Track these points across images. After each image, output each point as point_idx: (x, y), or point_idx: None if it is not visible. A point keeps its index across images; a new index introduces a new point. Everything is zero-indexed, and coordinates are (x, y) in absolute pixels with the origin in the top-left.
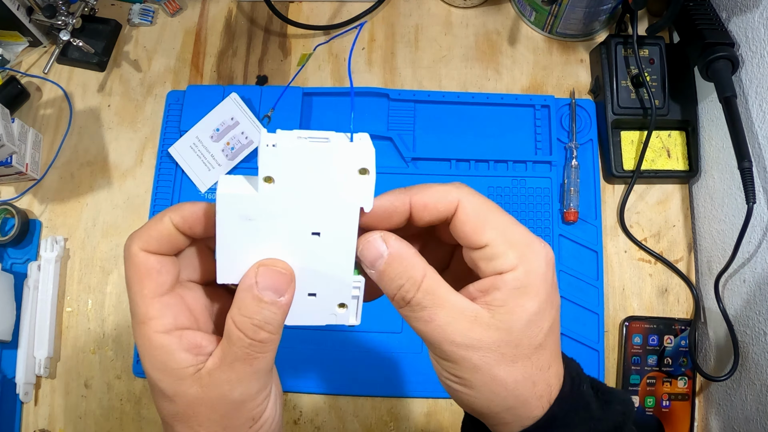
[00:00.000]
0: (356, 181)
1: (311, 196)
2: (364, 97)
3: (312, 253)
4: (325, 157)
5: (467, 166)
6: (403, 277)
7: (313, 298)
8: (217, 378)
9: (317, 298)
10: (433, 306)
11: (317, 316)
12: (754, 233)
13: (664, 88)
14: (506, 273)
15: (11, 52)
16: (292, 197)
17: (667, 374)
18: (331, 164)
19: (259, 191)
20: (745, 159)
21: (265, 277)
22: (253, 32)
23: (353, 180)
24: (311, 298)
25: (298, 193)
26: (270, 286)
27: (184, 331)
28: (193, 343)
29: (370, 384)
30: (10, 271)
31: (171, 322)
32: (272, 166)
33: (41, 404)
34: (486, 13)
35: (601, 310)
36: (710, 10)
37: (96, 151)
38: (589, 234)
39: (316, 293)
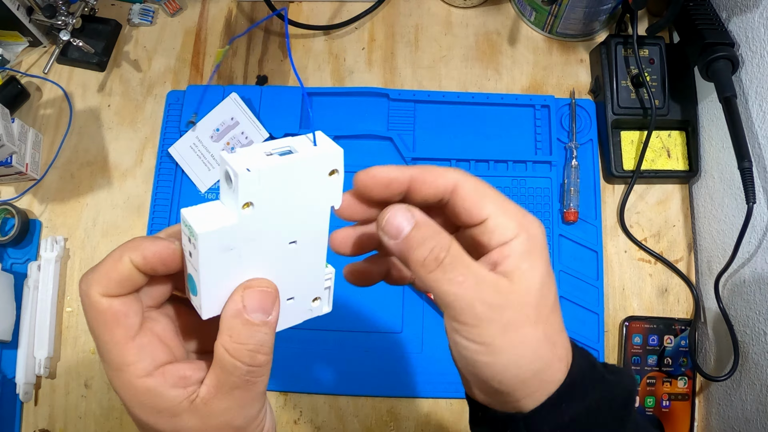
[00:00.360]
0: (327, 183)
1: (287, 209)
2: (364, 97)
3: (289, 261)
4: (297, 169)
5: (467, 166)
6: (434, 239)
7: (291, 302)
8: (216, 407)
9: (295, 301)
10: (465, 267)
11: (295, 316)
12: (754, 233)
13: (664, 88)
14: (512, 241)
15: (11, 52)
16: (271, 216)
17: (667, 374)
18: (304, 175)
19: (240, 219)
20: (745, 159)
21: (251, 299)
22: (253, 32)
23: (324, 183)
24: (290, 302)
25: (276, 210)
26: (258, 307)
27: (166, 367)
28: (178, 377)
29: (370, 384)
30: (10, 271)
31: (150, 362)
32: (252, 191)
33: (41, 404)
34: (486, 13)
35: (601, 310)
36: (710, 10)
37: (96, 151)
38: (589, 234)
39: (294, 297)
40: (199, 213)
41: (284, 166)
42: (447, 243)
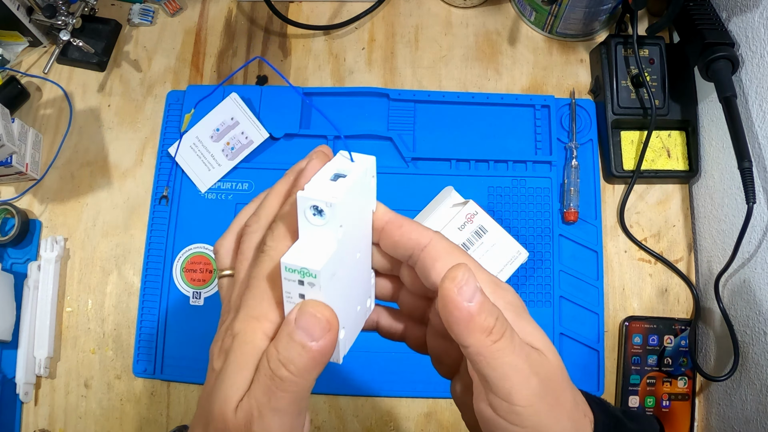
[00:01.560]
0: (369, 190)
1: (356, 225)
2: (364, 97)
3: (358, 272)
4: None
5: (467, 166)
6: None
7: (360, 310)
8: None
9: (361, 308)
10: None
11: (362, 321)
12: (754, 233)
13: (664, 88)
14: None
15: (11, 52)
16: (349, 235)
17: (667, 374)
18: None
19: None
20: (745, 159)
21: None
22: (253, 32)
23: (367, 189)
24: (359, 310)
25: (351, 228)
26: (305, 327)
27: None
28: None
29: (370, 384)
30: (10, 271)
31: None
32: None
33: (41, 404)
34: (486, 13)
35: (601, 310)
36: (710, 10)
37: (96, 151)
38: (589, 234)
39: (360, 305)
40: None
41: (353, 186)
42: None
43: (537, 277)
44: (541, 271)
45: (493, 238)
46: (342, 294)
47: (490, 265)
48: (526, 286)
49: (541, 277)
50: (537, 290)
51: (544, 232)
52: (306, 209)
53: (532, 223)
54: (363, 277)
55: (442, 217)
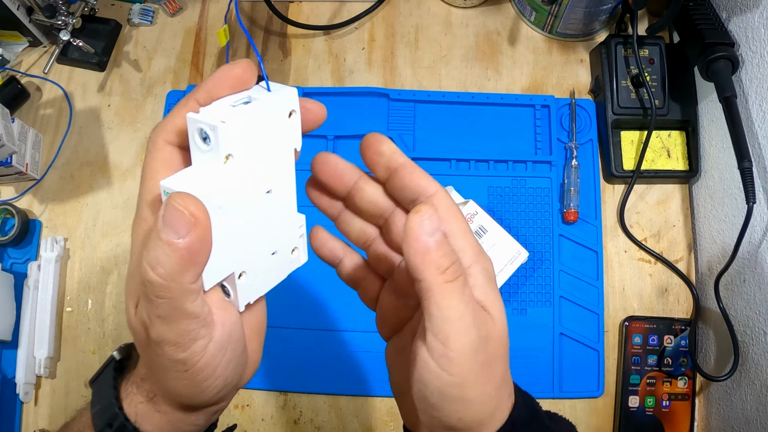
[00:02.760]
0: (288, 126)
1: (260, 157)
2: (364, 97)
3: (269, 212)
4: (263, 115)
5: (467, 166)
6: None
7: (275, 256)
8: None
9: (278, 255)
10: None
11: (281, 271)
12: (754, 233)
13: (664, 88)
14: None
15: (11, 52)
16: (248, 166)
17: (667, 374)
18: (269, 120)
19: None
20: (745, 159)
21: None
22: (253, 32)
23: (285, 125)
24: (275, 256)
25: (251, 159)
26: (170, 222)
27: None
28: None
29: (370, 384)
30: (10, 271)
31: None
32: (230, 143)
33: (41, 404)
34: (486, 13)
35: (601, 310)
36: (710, 10)
37: (96, 151)
38: (589, 234)
39: (277, 251)
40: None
41: (253, 114)
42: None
43: (537, 277)
44: (541, 271)
45: (493, 238)
46: (240, 232)
47: None
48: (526, 286)
49: (541, 277)
50: (537, 290)
51: (544, 232)
52: (194, 132)
53: (532, 223)
54: (278, 219)
55: None
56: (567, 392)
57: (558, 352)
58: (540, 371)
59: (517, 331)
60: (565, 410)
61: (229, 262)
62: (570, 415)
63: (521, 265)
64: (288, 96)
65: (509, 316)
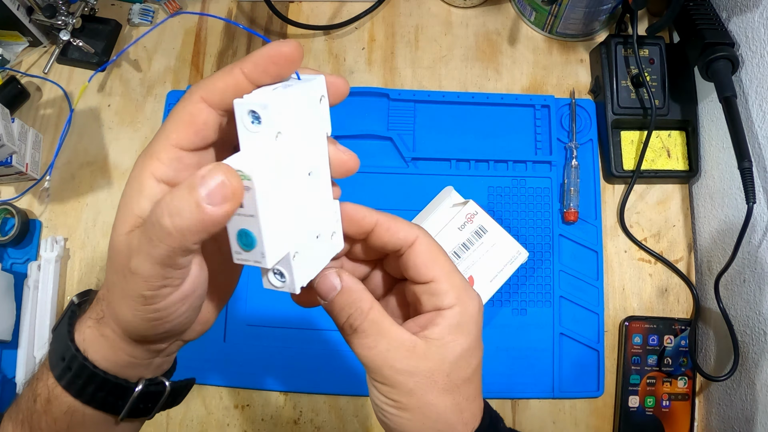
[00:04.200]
0: (320, 110)
1: (302, 138)
2: (364, 97)
3: (312, 194)
4: (301, 97)
5: (467, 166)
6: (353, 306)
7: (319, 240)
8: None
9: (321, 238)
10: (377, 334)
11: (325, 255)
12: (754, 233)
13: (664, 88)
14: (446, 310)
15: (11, 52)
16: (294, 145)
17: (667, 374)
18: (305, 102)
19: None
20: (745, 159)
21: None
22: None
23: (318, 110)
24: (318, 240)
25: (295, 139)
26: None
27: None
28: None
29: None
30: (10, 271)
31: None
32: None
33: None
34: (486, 13)
35: (601, 310)
36: (710, 10)
37: (96, 151)
38: (589, 234)
39: (320, 234)
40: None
41: (293, 96)
42: (366, 309)
43: (537, 277)
44: (541, 271)
45: (493, 238)
46: (289, 212)
47: (490, 265)
48: (526, 286)
49: (541, 277)
50: (537, 290)
51: (544, 232)
52: (243, 116)
53: (532, 223)
54: (319, 203)
55: (442, 217)
56: (567, 392)
57: (558, 352)
58: (540, 371)
59: (517, 331)
60: (565, 410)
61: (286, 242)
62: (570, 415)
63: (521, 265)
64: (318, 82)
65: (509, 316)
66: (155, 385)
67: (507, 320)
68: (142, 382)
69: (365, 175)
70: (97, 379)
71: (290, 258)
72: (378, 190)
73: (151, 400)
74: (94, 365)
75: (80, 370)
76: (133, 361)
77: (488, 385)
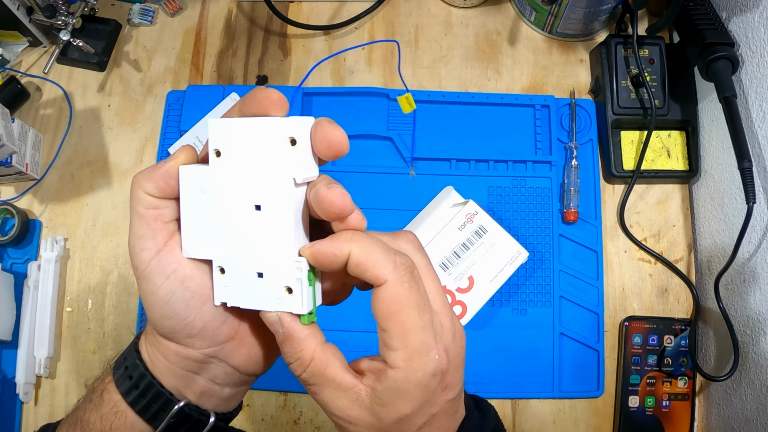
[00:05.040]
0: (289, 152)
1: (251, 168)
2: (364, 97)
3: (257, 228)
4: (259, 129)
5: (467, 166)
6: (293, 356)
7: (261, 280)
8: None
9: (265, 279)
10: (319, 384)
11: (262, 299)
12: (754, 233)
13: (664, 88)
14: (389, 369)
15: (11, 52)
16: (236, 170)
17: (667, 374)
18: (265, 137)
19: (210, 164)
20: (745, 159)
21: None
22: (253, 32)
23: (285, 151)
24: (260, 279)
25: (241, 165)
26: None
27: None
28: None
29: None
30: (10, 271)
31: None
32: (219, 139)
33: (41, 404)
34: (486, 13)
35: (601, 310)
36: (710, 10)
37: (96, 151)
38: (589, 234)
39: (263, 273)
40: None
41: (246, 123)
42: (307, 360)
43: (537, 277)
44: (541, 271)
45: (493, 238)
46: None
47: (490, 265)
48: (526, 286)
49: (541, 277)
50: (537, 290)
51: (544, 232)
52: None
53: (532, 223)
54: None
55: (442, 217)
56: (567, 392)
57: (558, 352)
58: (540, 371)
59: (517, 331)
60: (565, 410)
61: (207, 248)
62: (570, 415)
63: (521, 265)
64: (291, 121)
65: (509, 316)
66: (198, 411)
67: (507, 320)
68: (184, 401)
69: (365, 175)
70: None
71: (215, 268)
72: (378, 190)
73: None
74: (145, 365)
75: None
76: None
77: (488, 385)
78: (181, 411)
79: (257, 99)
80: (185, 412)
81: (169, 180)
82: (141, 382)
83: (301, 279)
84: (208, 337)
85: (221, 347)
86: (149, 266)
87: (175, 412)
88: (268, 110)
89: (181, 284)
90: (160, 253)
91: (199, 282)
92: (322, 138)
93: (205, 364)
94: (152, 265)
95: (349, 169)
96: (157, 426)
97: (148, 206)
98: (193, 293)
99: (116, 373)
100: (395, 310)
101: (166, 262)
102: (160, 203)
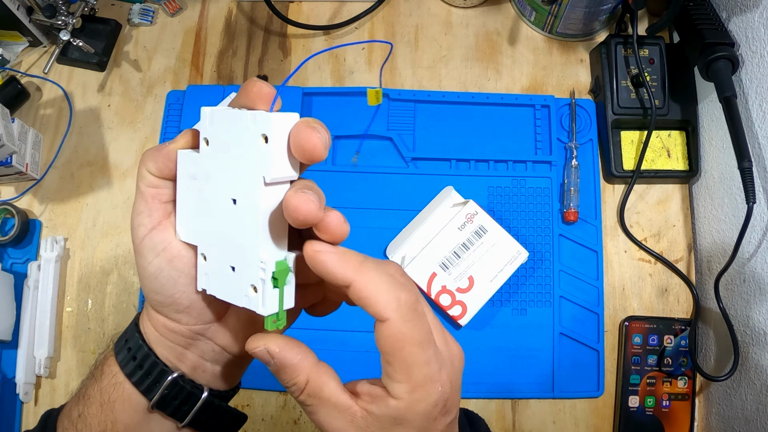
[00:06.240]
0: (262, 149)
1: (231, 160)
2: (364, 97)
3: (232, 222)
4: (238, 123)
5: (467, 166)
6: (289, 382)
7: (232, 273)
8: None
9: (236, 274)
10: (316, 405)
11: (234, 293)
12: (754, 233)
13: (664, 88)
14: (391, 399)
15: (11, 52)
16: (220, 161)
17: (667, 374)
18: (242, 131)
19: (200, 151)
20: (745, 159)
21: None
22: (253, 32)
23: (257, 148)
24: (232, 272)
25: (223, 157)
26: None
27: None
28: None
29: None
30: (10, 271)
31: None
32: (206, 128)
33: (41, 404)
34: (486, 13)
35: (601, 310)
36: (710, 10)
37: (96, 151)
38: (589, 234)
39: (234, 267)
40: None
41: (230, 114)
42: (302, 384)
43: (537, 277)
44: (541, 271)
45: (493, 238)
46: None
47: (490, 265)
48: (526, 286)
49: (541, 277)
50: (537, 290)
51: (544, 232)
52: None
53: (532, 223)
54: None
55: (442, 217)
56: (567, 392)
57: (558, 352)
58: (540, 371)
59: (517, 331)
60: (565, 410)
61: (196, 234)
62: (570, 415)
63: (521, 265)
64: (263, 118)
65: (509, 316)
66: (192, 385)
67: (507, 320)
68: (178, 372)
69: (365, 175)
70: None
71: (199, 254)
72: (378, 189)
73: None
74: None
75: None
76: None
77: (488, 385)
78: (175, 382)
79: (247, 90)
80: (179, 384)
81: (168, 162)
82: (138, 352)
83: (264, 280)
84: (195, 315)
85: (207, 326)
86: (143, 242)
87: (169, 382)
88: (255, 103)
89: (169, 263)
90: (153, 230)
91: (187, 262)
92: (295, 140)
93: (193, 340)
94: (145, 242)
95: (349, 168)
96: (152, 398)
97: (149, 184)
98: (180, 272)
99: (117, 346)
100: (398, 347)
101: (157, 240)
102: (159, 183)
